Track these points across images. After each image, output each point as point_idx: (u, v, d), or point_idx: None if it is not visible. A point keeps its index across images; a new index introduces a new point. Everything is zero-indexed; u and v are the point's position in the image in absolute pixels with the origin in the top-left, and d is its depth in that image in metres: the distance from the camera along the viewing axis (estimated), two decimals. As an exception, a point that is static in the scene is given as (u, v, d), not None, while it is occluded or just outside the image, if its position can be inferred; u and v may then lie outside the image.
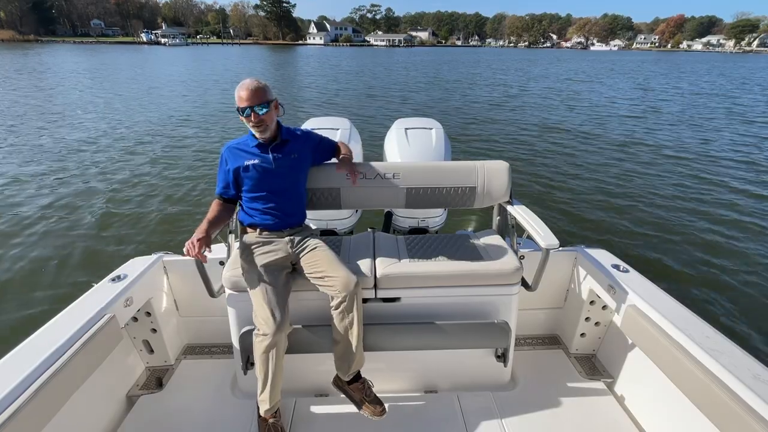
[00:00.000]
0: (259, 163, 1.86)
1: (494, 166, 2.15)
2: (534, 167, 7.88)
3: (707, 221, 5.54)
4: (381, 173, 2.08)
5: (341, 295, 1.72)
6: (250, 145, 1.89)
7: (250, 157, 1.86)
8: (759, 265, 4.45)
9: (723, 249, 4.81)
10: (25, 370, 1.37)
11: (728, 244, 4.94)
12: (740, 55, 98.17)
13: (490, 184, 2.12)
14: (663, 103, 16.90)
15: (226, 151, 1.90)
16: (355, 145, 2.71)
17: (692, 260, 4.54)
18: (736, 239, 5.05)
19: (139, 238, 4.90)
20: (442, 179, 2.11)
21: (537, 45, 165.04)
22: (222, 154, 1.91)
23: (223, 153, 1.91)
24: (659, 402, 1.82)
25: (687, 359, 1.49)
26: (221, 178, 1.92)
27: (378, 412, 1.78)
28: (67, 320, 1.64)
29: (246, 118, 1.78)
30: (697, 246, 4.86)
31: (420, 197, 2.11)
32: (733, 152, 9.25)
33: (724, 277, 4.23)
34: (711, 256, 4.63)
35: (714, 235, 5.14)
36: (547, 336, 2.51)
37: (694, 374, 1.45)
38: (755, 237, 5.11)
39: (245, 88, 1.75)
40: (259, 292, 1.74)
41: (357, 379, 1.85)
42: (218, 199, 1.92)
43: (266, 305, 1.71)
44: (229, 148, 1.90)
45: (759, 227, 5.38)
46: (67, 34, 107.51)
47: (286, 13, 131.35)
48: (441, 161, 2.35)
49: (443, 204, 2.16)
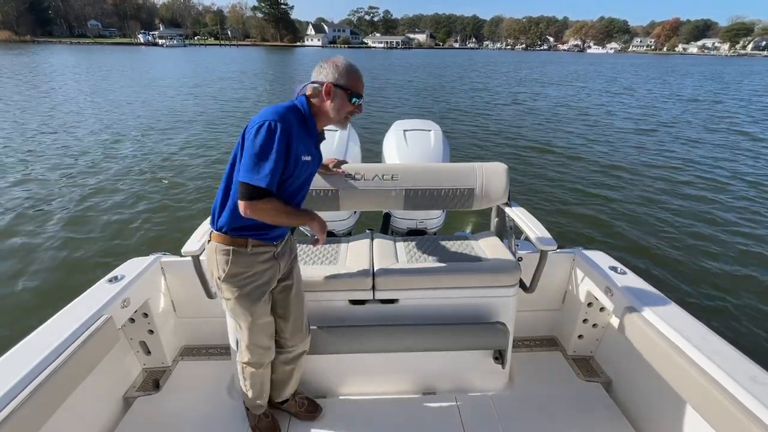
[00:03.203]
0: (312, 160, 1.48)
1: (493, 168, 2.16)
2: (532, 169, 7.90)
3: (705, 223, 5.57)
4: (379, 174, 2.07)
5: (295, 351, 1.75)
6: (312, 133, 1.50)
7: (307, 149, 1.45)
8: (757, 267, 4.47)
9: (721, 251, 4.83)
10: (21, 371, 1.36)
11: (726, 246, 4.96)
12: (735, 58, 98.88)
13: (488, 186, 2.12)
14: (662, 104, 17.00)
15: (292, 129, 1.35)
16: (353, 146, 2.71)
17: (690, 262, 4.56)
18: (735, 241, 5.07)
19: (136, 238, 4.88)
20: (440, 181, 2.11)
21: (534, 48, 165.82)
22: (279, 129, 1.31)
23: (282, 129, 1.31)
24: (657, 404, 1.82)
25: (684, 361, 1.50)
26: (277, 165, 1.31)
27: (315, 417, 1.89)
28: (64, 321, 1.63)
29: (355, 108, 1.49)
30: (695, 248, 4.89)
31: (418, 199, 2.12)
32: (734, 154, 9.32)
33: (722, 279, 4.25)
34: (709, 258, 4.65)
35: (712, 237, 5.16)
36: (545, 338, 2.51)
37: (692, 376, 1.45)
38: (754, 239, 5.14)
39: (360, 75, 1.49)
40: (257, 321, 1.57)
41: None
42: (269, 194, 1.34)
43: (265, 335, 1.62)
44: (293, 126, 1.37)
45: (758, 229, 5.41)
46: (64, 34, 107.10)
47: (284, 15, 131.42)
48: (439, 163, 2.37)
49: (442, 205, 2.17)
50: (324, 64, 1.46)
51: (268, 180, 1.30)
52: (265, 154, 1.30)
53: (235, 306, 1.53)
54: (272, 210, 1.36)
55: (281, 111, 1.36)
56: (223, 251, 1.47)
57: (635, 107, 16.38)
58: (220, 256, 1.47)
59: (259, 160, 1.30)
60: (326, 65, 1.45)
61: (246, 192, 1.31)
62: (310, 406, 1.91)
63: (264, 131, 1.30)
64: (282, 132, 1.32)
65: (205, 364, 2.28)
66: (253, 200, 1.31)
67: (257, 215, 1.35)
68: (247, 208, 1.32)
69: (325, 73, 1.44)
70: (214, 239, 1.49)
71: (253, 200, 1.31)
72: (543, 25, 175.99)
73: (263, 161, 1.30)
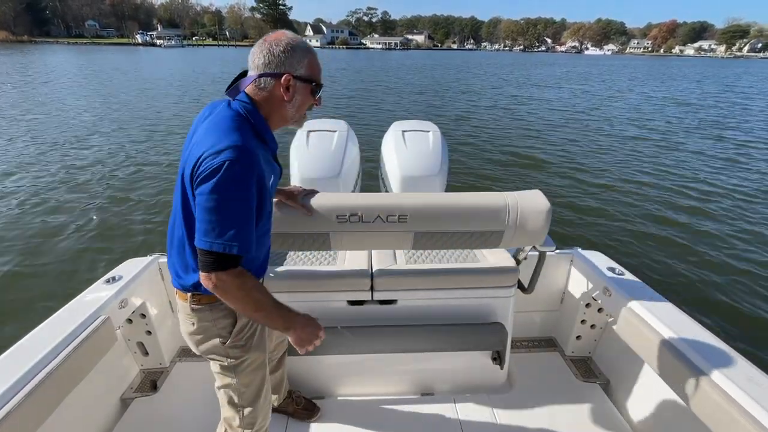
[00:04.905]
0: (275, 179, 1.19)
1: (530, 204, 1.57)
2: (530, 170, 7.92)
3: (704, 224, 5.59)
4: (382, 216, 1.53)
5: (277, 356, 1.72)
6: (272, 146, 1.17)
7: (271, 170, 1.14)
8: (755, 268, 4.49)
9: (719, 252, 4.85)
10: (18, 371, 1.35)
11: (725, 246, 4.98)
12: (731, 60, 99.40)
13: (522, 228, 1.58)
14: (661, 105, 17.08)
15: (257, 159, 1.02)
16: (352, 147, 2.70)
17: (688, 263, 4.57)
18: (733, 242, 5.09)
19: (134, 238, 4.87)
20: (460, 222, 1.58)
21: (532, 49, 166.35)
22: (247, 166, 0.98)
23: (249, 164, 0.99)
24: (654, 404, 1.83)
25: (682, 362, 1.50)
26: (249, 217, 1.02)
27: (312, 416, 1.87)
28: (61, 322, 1.62)
29: (316, 102, 1.17)
30: (693, 248, 4.90)
31: (431, 242, 1.64)
32: (736, 154, 9.37)
33: (720, 279, 4.27)
34: (707, 259, 4.67)
35: (710, 238, 5.18)
36: (543, 338, 2.51)
37: (689, 377, 1.46)
38: (752, 240, 5.16)
39: (317, 57, 1.14)
40: (256, 385, 1.34)
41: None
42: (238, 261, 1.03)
43: (267, 396, 1.39)
44: (258, 151, 1.04)
45: (757, 230, 5.43)
46: (62, 35, 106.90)
47: (283, 16, 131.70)
48: (460, 194, 1.79)
49: (459, 247, 1.73)
50: (272, 46, 1.06)
51: (239, 242, 0.99)
52: (232, 206, 0.97)
53: (251, 362, 1.28)
54: (243, 292, 1.05)
55: (237, 136, 0.99)
56: (220, 310, 1.18)
57: (627, 110, 16.43)
58: (218, 319, 1.20)
59: (223, 217, 0.97)
60: (275, 48, 1.06)
61: (209, 261, 1.00)
62: (308, 405, 1.90)
63: (225, 174, 0.95)
64: (249, 169, 0.98)
65: (202, 366, 2.28)
66: (222, 270, 1.01)
67: (224, 293, 1.04)
68: (208, 280, 1.02)
69: (276, 60, 1.06)
70: (193, 302, 1.17)
71: (222, 270, 1.01)
72: (541, 27, 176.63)
73: (229, 217, 0.97)
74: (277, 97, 1.09)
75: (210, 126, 1.05)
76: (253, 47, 1.11)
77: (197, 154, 0.99)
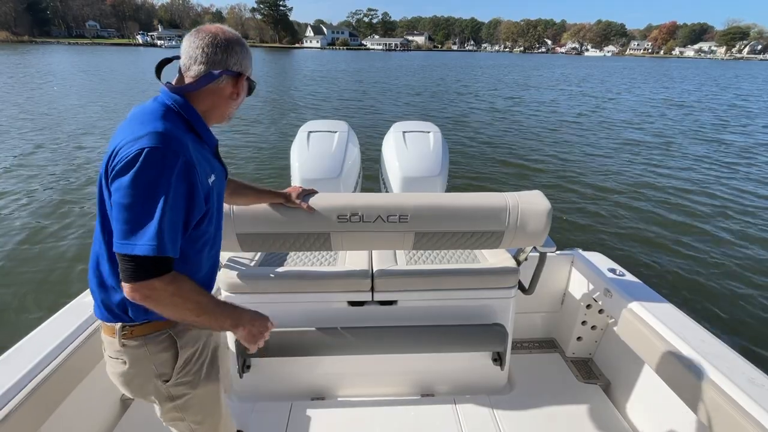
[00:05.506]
0: (217, 178, 1.07)
1: (530, 205, 1.61)
2: (530, 170, 7.92)
3: (704, 225, 5.59)
4: (383, 215, 1.56)
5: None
6: (210, 142, 1.09)
7: (209, 166, 1.04)
8: (756, 269, 4.49)
9: (719, 253, 4.85)
10: (18, 373, 1.35)
11: (725, 247, 4.98)
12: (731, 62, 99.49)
13: (522, 229, 1.60)
14: (661, 106, 17.09)
15: (186, 150, 0.91)
16: (353, 147, 2.70)
17: (688, 264, 4.58)
18: (733, 243, 5.09)
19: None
20: (461, 222, 1.61)
21: (532, 50, 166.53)
22: (169, 156, 0.86)
23: (173, 154, 0.87)
24: (655, 406, 1.83)
25: (683, 363, 1.50)
26: (175, 215, 0.88)
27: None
28: (62, 322, 1.62)
29: (246, 95, 1.11)
30: (693, 250, 4.90)
31: (432, 242, 1.69)
32: (738, 156, 9.37)
33: (720, 280, 4.27)
34: (707, 260, 4.67)
35: (710, 239, 5.19)
36: (544, 339, 2.51)
37: (690, 378, 1.45)
38: (752, 241, 5.16)
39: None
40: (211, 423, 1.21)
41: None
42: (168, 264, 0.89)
43: (227, 427, 1.30)
44: (188, 143, 0.93)
45: (756, 231, 5.43)
46: (62, 35, 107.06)
47: (283, 17, 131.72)
48: (460, 194, 1.87)
49: (459, 247, 1.78)
50: (215, 40, 0.96)
51: (169, 242, 0.85)
52: (155, 200, 0.83)
53: (202, 397, 1.13)
54: (179, 298, 0.90)
55: (160, 123, 0.89)
56: (158, 343, 1.03)
57: (627, 111, 16.44)
58: (156, 354, 1.03)
59: (145, 212, 0.83)
60: (218, 41, 0.96)
61: (132, 268, 0.85)
62: None
63: (144, 162, 0.82)
64: (173, 157, 0.86)
65: None
66: (151, 278, 0.86)
67: (157, 304, 0.89)
68: (135, 291, 0.86)
69: (222, 56, 0.97)
70: (123, 336, 1.01)
71: (151, 278, 0.86)
72: (541, 28, 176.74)
73: (151, 213, 0.83)
74: (226, 94, 1.03)
75: (130, 118, 0.93)
76: (191, 36, 0.98)
77: (113, 146, 0.87)
